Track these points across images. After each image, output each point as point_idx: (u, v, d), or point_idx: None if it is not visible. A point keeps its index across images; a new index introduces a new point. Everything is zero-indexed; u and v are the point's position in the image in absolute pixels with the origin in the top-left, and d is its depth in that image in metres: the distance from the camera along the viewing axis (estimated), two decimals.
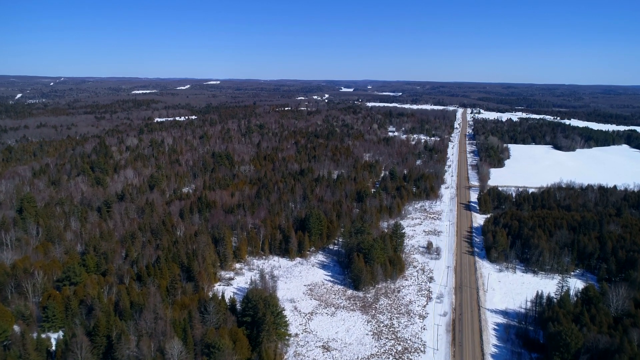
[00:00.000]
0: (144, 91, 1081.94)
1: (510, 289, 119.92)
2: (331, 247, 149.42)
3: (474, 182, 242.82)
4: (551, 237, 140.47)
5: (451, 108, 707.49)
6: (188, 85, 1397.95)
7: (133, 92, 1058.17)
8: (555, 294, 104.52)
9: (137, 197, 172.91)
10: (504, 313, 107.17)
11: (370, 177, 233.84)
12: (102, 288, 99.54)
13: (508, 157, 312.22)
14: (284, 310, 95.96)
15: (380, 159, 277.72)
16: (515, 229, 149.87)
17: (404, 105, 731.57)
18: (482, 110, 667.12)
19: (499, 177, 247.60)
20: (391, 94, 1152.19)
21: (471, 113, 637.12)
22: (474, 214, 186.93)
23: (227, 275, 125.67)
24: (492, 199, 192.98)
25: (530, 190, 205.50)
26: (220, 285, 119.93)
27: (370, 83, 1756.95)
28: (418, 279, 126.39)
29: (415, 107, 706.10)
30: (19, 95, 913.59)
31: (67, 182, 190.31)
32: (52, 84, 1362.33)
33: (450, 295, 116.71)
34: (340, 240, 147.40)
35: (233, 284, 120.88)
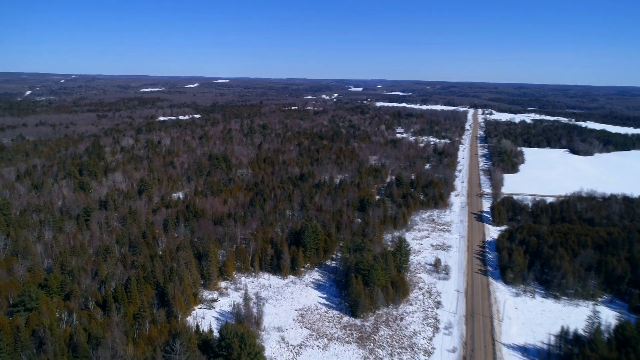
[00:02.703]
0: (153, 89, 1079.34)
1: (529, 318, 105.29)
2: (329, 262, 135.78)
3: (486, 189, 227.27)
4: (575, 257, 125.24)
5: (462, 109, 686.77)
6: (197, 84, 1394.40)
7: (142, 89, 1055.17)
8: (584, 331, 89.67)
9: (123, 203, 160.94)
10: (523, 349, 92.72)
11: (375, 182, 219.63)
12: (62, 315, 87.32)
13: (522, 162, 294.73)
14: (264, 350, 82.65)
15: (387, 163, 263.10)
16: (533, 246, 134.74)
17: (413, 106, 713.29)
18: (493, 111, 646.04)
19: (513, 184, 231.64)
20: (401, 93, 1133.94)
21: (482, 114, 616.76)
22: (487, 225, 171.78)
23: (210, 296, 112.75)
24: (507, 209, 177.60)
25: (548, 200, 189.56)
26: (201, 308, 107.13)
27: (380, 82, 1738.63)
28: (424, 303, 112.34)
29: (424, 107, 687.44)
30: (28, 92, 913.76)
31: (52, 186, 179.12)
32: (62, 81, 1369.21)
33: (460, 325, 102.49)
34: (339, 255, 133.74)
35: (216, 307, 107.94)
